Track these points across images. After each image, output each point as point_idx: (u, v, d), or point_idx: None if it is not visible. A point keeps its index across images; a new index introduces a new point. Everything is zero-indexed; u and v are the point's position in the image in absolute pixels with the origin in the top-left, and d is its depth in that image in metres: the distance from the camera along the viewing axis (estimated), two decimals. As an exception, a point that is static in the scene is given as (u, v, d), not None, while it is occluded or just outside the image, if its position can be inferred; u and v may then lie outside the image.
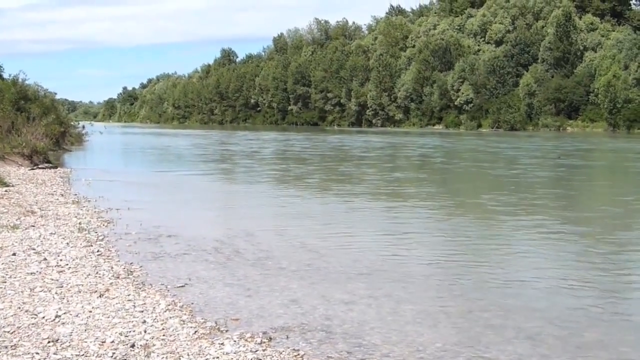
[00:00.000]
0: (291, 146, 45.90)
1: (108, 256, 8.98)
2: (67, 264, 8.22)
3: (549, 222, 12.94)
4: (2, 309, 6.30)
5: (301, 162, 30.33)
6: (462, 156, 35.88)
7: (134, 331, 5.81)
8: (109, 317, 6.16)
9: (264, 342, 5.80)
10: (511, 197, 17.02)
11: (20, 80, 34.09)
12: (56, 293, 6.91)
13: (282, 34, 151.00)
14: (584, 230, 12.09)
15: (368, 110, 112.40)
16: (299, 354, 5.58)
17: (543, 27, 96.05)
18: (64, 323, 5.97)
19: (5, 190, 15.03)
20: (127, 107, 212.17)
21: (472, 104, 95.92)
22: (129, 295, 7.00)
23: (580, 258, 9.70)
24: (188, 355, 5.36)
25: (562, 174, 25.16)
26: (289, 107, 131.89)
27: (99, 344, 5.47)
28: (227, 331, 6.08)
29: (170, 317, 6.30)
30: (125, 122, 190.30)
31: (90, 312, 6.31)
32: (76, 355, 5.24)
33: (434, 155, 37.53)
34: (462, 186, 21.50)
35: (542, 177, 23.96)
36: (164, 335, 5.78)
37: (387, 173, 25.37)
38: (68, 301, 6.64)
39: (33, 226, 10.78)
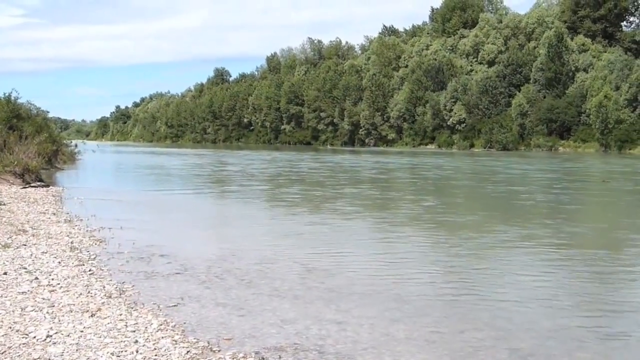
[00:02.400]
0: (295, 166, 44.39)
1: (100, 275, 8.94)
2: (59, 283, 8.17)
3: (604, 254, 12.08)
4: (-7, 329, 6.25)
5: (318, 185, 27.65)
6: (491, 179, 31.84)
7: (125, 351, 5.78)
8: (100, 337, 6.12)
9: (257, 363, 5.77)
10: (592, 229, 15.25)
11: (12, 98, 34.14)
12: (47, 312, 6.87)
13: (275, 53, 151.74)
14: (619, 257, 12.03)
15: (361, 130, 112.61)
16: (291, 375, 5.55)
17: (535, 47, 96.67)
18: (55, 343, 5.93)
19: (-3, 209, 14.95)
20: (119, 125, 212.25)
21: (464, 124, 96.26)
22: (120, 314, 6.96)
23: (583, 281, 9.71)
24: (180, 375, 5.32)
25: (627, 201, 22.68)
26: (282, 127, 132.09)
27: (91, 364, 5.43)
28: (219, 351, 6.05)
29: (163, 337, 6.27)
30: (118, 140, 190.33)
31: (82, 332, 6.27)
32: (67, 375, 5.19)
33: (457, 177, 34.72)
34: (512, 214, 17.88)
35: (612, 204, 21.50)
36: (156, 355, 5.74)
37: (421, 197, 22.52)
38: (59, 321, 6.60)
39: (24, 245, 10.73)
